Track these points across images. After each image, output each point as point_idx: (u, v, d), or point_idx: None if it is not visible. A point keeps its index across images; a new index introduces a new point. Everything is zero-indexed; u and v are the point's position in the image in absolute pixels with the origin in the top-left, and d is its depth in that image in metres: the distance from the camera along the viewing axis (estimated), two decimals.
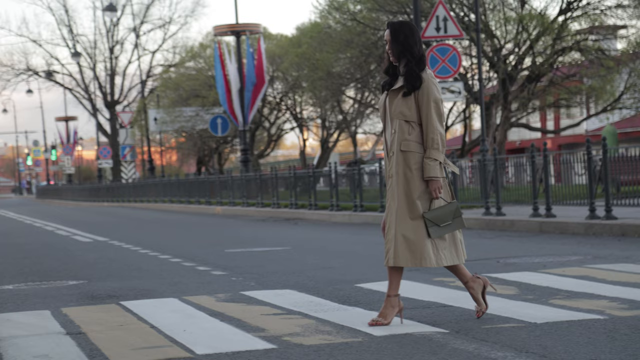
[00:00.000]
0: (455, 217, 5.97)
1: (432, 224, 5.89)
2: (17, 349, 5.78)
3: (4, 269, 11.65)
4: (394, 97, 5.98)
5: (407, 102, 5.92)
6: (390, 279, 6.01)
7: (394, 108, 5.96)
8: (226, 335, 5.96)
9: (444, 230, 5.92)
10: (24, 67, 69.58)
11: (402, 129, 5.92)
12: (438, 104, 5.92)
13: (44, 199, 75.54)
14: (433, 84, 5.93)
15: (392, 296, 6.01)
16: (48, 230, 21.49)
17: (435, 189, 5.89)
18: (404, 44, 5.93)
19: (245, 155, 32.73)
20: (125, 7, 66.53)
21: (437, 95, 5.92)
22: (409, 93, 5.91)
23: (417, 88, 5.90)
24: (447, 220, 5.93)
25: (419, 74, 5.91)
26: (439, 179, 5.90)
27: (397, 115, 5.94)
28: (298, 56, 36.93)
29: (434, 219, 5.90)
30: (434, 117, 5.89)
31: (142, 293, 8.38)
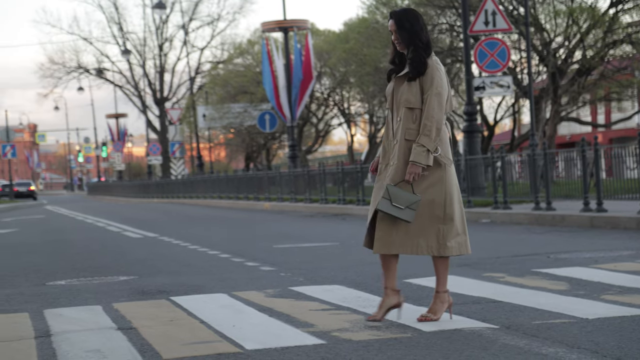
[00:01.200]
0: (408, 208, 5.75)
1: (388, 197, 5.74)
2: (70, 343, 5.85)
3: (56, 265, 11.81)
4: (400, 84, 5.88)
5: (412, 89, 5.81)
6: (438, 272, 5.97)
7: (400, 95, 5.85)
8: (275, 331, 5.97)
9: (391, 209, 5.74)
10: (75, 65, 70.44)
11: (407, 117, 5.81)
12: (440, 91, 5.77)
13: (95, 196, 76.39)
14: (438, 70, 5.80)
15: (440, 292, 5.97)
16: (99, 227, 21.73)
17: (412, 172, 5.73)
18: (410, 31, 5.82)
19: (293, 151, 32.80)
20: (174, 4, 67.03)
21: (439, 82, 5.78)
22: (413, 78, 5.80)
23: (422, 74, 5.79)
24: (401, 204, 5.74)
25: (425, 59, 5.80)
26: (420, 165, 5.72)
27: (403, 103, 5.83)
28: (346, 52, 36.92)
29: (392, 193, 5.74)
30: (433, 103, 5.75)
31: (191, 288, 8.43)
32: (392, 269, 5.95)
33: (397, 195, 5.75)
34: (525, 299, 6.77)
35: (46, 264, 11.99)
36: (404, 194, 5.75)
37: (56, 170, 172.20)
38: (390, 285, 5.94)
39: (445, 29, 31.38)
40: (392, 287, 5.94)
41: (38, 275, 10.35)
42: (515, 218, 16.33)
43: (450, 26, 30.98)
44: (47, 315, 7.09)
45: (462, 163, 19.39)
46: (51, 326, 6.54)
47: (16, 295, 8.53)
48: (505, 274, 8.41)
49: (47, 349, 5.70)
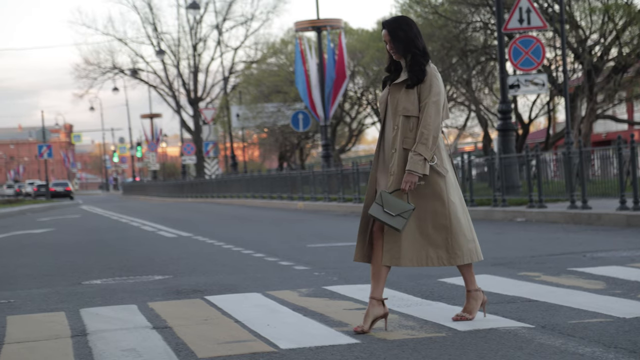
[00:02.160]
0: (400, 216, 5.64)
1: (380, 203, 5.65)
2: (106, 342, 5.89)
3: (92, 264, 11.89)
4: (396, 92, 5.77)
5: (409, 97, 5.71)
6: (464, 274, 5.90)
7: (397, 103, 5.74)
8: (309, 330, 5.97)
9: (382, 215, 5.65)
10: (110, 65, 70.94)
11: (405, 126, 5.71)
12: (438, 98, 5.68)
13: (130, 195, 76.88)
14: (436, 77, 5.71)
15: (472, 290, 5.93)
16: (134, 226, 21.87)
17: (407, 182, 5.64)
18: (405, 39, 5.73)
19: (326, 150, 32.80)
20: (208, 4, 67.27)
21: (438, 89, 5.69)
22: (412, 86, 5.71)
23: (421, 81, 5.69)
24: (392, 212, 5.65)
25: (424, 66, 5.72)
26: (417, 175, 5.64)
27: (400, 111, 5.73)
28: (379, 50, 36.89)
29: (385, 200, 5.65)
30: (430, 111, 5.65)
31: (226, 288, 8.46)
32: (382, 279, 5.83)
33: (390, 202, 5.65)
34: (561, 298, 6.72)
35: (82, 263, 12.08)
36: (397, 202, 5.65)
37: (91, 170, 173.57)
38: (377, 295, 5.80)
39: (479, 27, 31.23)
40: (378, 298, 5.80)
41: (74, 275, 10.44)
42: (551, 217, 16.21)
43: (484, 24, 30.83)
44: (83, 314, 7.14)
45: (497, 162, 19.29)
46: (87, 325, 6.58)
47: (53, 295, 8.60)
48: (541, 273, 8.35)
49: (84, 348, 5.74)
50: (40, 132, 60.40)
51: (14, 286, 9.58)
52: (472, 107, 36.81)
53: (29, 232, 21.30)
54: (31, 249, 15.52)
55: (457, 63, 32.35)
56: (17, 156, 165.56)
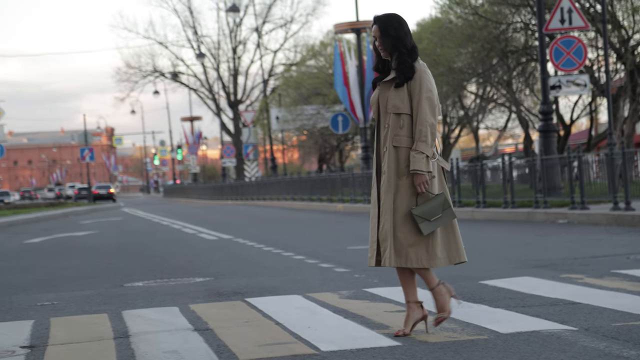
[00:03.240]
0: (445, 209, 5.64)
1: (422, 219, 5.59)
2: (148, 344, 5.92)
3: (134, 266, 11.98)
4: (386, 91, 5.71)
5: (399, 94, 5.65)
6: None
7: (386, 101, 5.68)
8: (350, 332, 5.96)
9: (435, 224, 5.61)
10: (151, 68, 71.42)
11: (394, 124, 5.65)
12: (430, 95, 5.61)
13: (171, 198, 77.36)
14: (425, 74, 5.65)
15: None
16: (175, 229, 21.99)
17: (420, 183, 5.58)
18: (395, 37, 5.66)
19: (366, 152, 32.76)
20: (247, 7, 67.55)
21: (429, 86, 5.62)
22: (401, 84, 5.64)
23: (409, 78, 5.63)
24: (437, 214, 5.61)
25: (411, 64, 5.65)
26: (424, 173, 5.57)
27: (390, 109, 5.66)
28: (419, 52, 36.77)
29: (422, 214, 5.59)
30: (424, 108, 5.58)
31: (266, 290, 8.47)
32: (410, 281, 5.76)
33: (426, 210, 5.60)
34: (605, 301, 6.65)
35: (124, 265, 12.17)
36: (430, 204, 5.61)
37: (132, 173, 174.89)
38: (412, 298, 5.76)
39: (519, 28, 31.03)
40: (414, 300, 5.76)
41: (116, 277, 10.52)
42: (593, 218, 16.06)
43: (525, 25, 30.62)
44: (126, 316, 7.19)
45: (538, 163, 19.15)
46: (129, 327, 6.63)
47: (95, 297, 8.68)
48: (584, 275, 8.27)
49: (126, 350, 5.78)
50: (82, 136, 60.97)
51: (57, 288, 9.68)
52: (513, 109, 36.57)
53: (71, 234, 21.50)
54: (74, 251, 15.67)
55: (498, 64, 32.15)
56: (59, 159, 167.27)
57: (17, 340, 6.32)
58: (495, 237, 14.31)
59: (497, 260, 10.17)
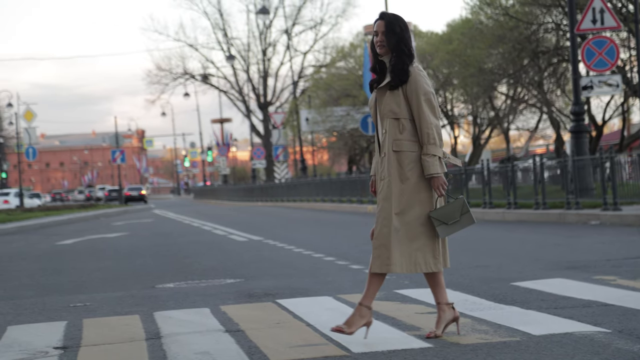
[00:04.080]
0: (464, 213, 5.58)
1: (440, 222, 5.53)
2: (180, 345, 5.94)
3: (165, 267, 12.03)
4: (382, 95, 5.62)
5: (395, 98, 5.56)
6: (369, 285, 5.67)
7: (383, 106, 5.60)
8: (381, 334, 5.95)
9: (452, 228, 5.56)
10: (181, 71, 71.69)
11: (393, 128, 5.56)
12: (429, 97, 5.54)
13: (201, 199, 77.64)
14: (420, 76, 5.57)
15: (364, 306, 5.66)
16: (205, 230, 22.06)
17: (438, 186, 5.52)
18: (399, 35, 5.60)
19: None
20: (277, 9, 67.63)
21: (426, 87, 5.55)
22: (396, 87, 5.56)
23: (404, 82, 5.55)
24: (455, 217, 5.56)
25: (407, 66, 5.57)
26: (440, 175, 5.52)
27: (387, 114, 5.58)
28: (449, 53, 36.65)
29: (440, 217, 5.54)
30: (425, 110, 5.51)
31: (297, 291, 8.48)
32: (439, 283, 5.71)
33: (445, 213, 5.56)
34: (639, 303, 6.58)
35: (155, 267, 12.23)
36: (448, 209, 5.57)
37: (163, 175, 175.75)
38: (442, 300, 5.71)
39: (551, 28, 30.85)
40: (444, 302, 5.71)
41: (147, 278, 10.57)
42: (626, 220, 15.92)
43: (556, 25, 30.44)
44: (157, 317, 7.22)
45: (570, 164, 19.03)
46: (161, 328, 6.66)
47: (127, 298, 8.72)
48: (617, 277, 8.20)
49: (158, 351, 5.81)
50: (113, 138, 61.36)
51: (90, 289, 9.74)
52: (544, 109, 36.36)
53: (103, 236, 21.63)
54: (105, 253, 15.77)
55: (529, 65, 31.98)
56: (91, 161, 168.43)
57: (51, 341, 6.37)
58: (526, 239, 14.23)
59: (528, 262, 10.11)
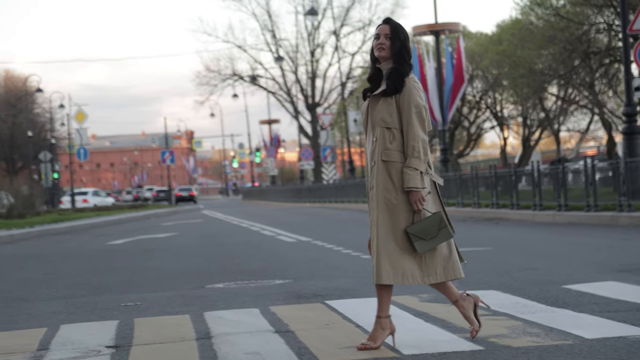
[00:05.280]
0: (441, 229, 5.45)
1: (417, 238, 5.43)
2: (230, 345, 5.97)
3: (214, 268, 12.09)
4: (375, 103, 5.55)
5: (388, 107, 5.48)
6: (379, 298, 5.60)
7: (375, 114, 5.53)
8: (431, 336, 5.93)
9: (431, 243, 5.44)
10: (230, 72, 72.03)
11: (384, 137, 5.48)
12: (420, 109, 5.46)
13: (249, 200, 77.95)
14: (415, 88, 5.49)
15: (382, 317, 5.59)
16: (254, 231, 22.14)
17: (415, 201, 5.42)
18: (403, 43, 5.54)
19: (444, 154, 32.57)
20: (325, 10, 67.69)
21: (418, 100, 5.47)
22: (389, 94, 5.48)
23: (399, 90, 5.47)
24: (433, 233, 5.43)
25: (405, 75, 5.50)
26: (419, 189, 5.42)
27: (378, 122, 5.50)
28: (498, 54, 36.41)
29: (418, 232, 5.43)
30: (415, 123, 5.43)
31: (346, 292, 8.47)
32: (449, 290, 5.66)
33: (422, 228, 5.45)
34: None
35: (204, 267, 12.30)
36: (426, 223, 5.46)
37: (211, 176, 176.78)
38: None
39: (602, 29, 30.51)
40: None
41: (197, 278, 10.63)
42: None
43: (608, 25, 30.09)
44: (207, 317, 7.26)
45: (622, 166, 18.80)
46: (211, 328, 6.69)
47: (177, 298, 8.78)
48: None
49: (208, 351, 5.84)
50: (163, 139, 61.87)
51: (140, 289, 9.83)
52: (595, 110, 35.97)
53: (153, 236, 21.81)
54: (156, 253, 15.89)
55: (580, 66, 31.66)
56: (140, 162, 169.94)
57: (103, 340, 6.43)
58: (577, 241, 14.08)
59: (580, 265, 10.00)
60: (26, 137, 58.69)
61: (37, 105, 69.58)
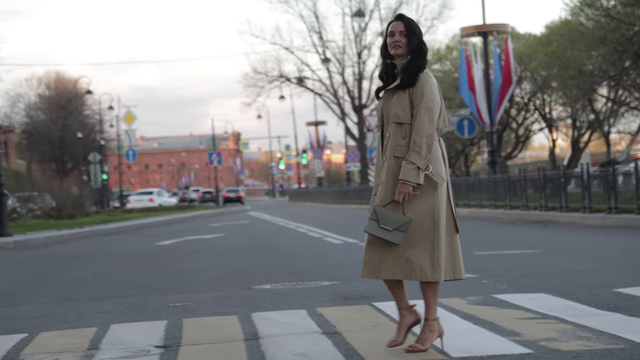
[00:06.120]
0: (397, 230, 5.36)
1: (375, 219, 5.39)
2: (278, 346, 5.98)
3: (262, 269, 12.12)
4: (389, 99, 5.50)
5: (401, 102, 5.42)
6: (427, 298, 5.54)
7: (389, 109, 5.48)
8: (480, 339, 5.89)
9: (379, 232, 5.39)
10: (277, 74, 72.22)
11: (396, 133, 5.43)
12: (430, 105, 5.37)
13: (295, 202, 78.09)
14: (429, 83, 5.41)
15: (430, 320, 5.54)
16: (300, 232, 22.17)
17: (400, 192, 5.34)
18: (419, 37, 5.48)
19: (492, 156, 32.36)
20: (372, 12, 67.61)
21: (430, 95, 5.38)
22: (403, 87, 5.42)
23: (413, 84, 5.40)
24: (389, 226, 5.36)
25: (421, 69, 5.43)
26: (410, 184, 5.32)
27: (391, 118, 5.46)
28: (547, 55, 36.14)
29: (380, 215, 5.38)
30: (423, 118, 5.35)
31: None
32: (398, 290, 5.60)
33: (386, 216, 5.40)
34: None
35: (251, 268, 12.34)
36: (392, 215, 5.40)
37: (258, 177, 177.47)
38: (403, 305, 5.61)
39: None
40: (405, 307, 5.61)
41: (244, 279, 10.66)
42: None
43: None
44: (255, 318, 7.28)
45: None
46: (259, 329, 6.70)
47: (225, 299, 8.82)
48: None
49: (256, 352, 5.85)
50: (210, 140, 62.23)
51: (188, 290, 9.88)
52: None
53: (200, 237, 21.93)
54: (203, 253, 15.98)
55: (631, 67, 31.28)
56: (188, 163, 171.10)
57: (152, 340, 6.48)
58: (628, 244, 13.89)
59: (631, 268, 9.87)
60: (76, 139, 59.38)
61: (87, 107, 70.38)
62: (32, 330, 7.25)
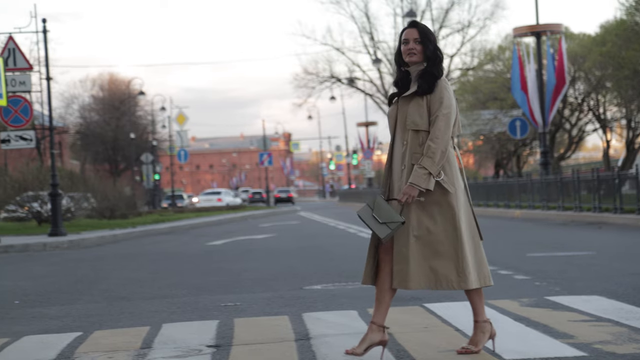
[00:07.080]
0: (386, 225, 5.29)
1: (372, 207, 5.33)
2: (329, 347, 5.98)
3: (312, 269, 12.14)
4: (405, 105, 5.43)
5: (419, 109, 5.36)
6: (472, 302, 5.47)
7: (406, 117, 5.40)
8: (533, 341, 5.84)
9: (369, 219, 5.32)
10: (328, 74, 72.21)
11: (414, 141, 5.37)
12: (448, 111, 5.32)
13: (346, 202, 78.07)
14: (447, 90, 5.35)
15: (480, 321, 5.49)
16: (350, 233, 22.16)
17: (407, 194, 5.29)
18: (434, 44, 5.44)
19: (545, 157, 32.05)
20: (424, 12, 67.34)
21: (448, 102, 5.33)
22: (422, 94, 5.36)
23: (431, 90, 5.34)
24: (379, 218, 5.30)
25: (436, 76, 5.38)
26: (418, 189, 5.28)
27: (409, 125, 5.39)
28: (602, 55, 35.71)
29: (377, 205, 5.33)
30: (440, 124, 5.29)
31: (444, 295, 8.41)
32: (385, 304, 5.51)
33: (382, 207, 5.34)
34: None
35: (302, 268, 12.36)
36: (388, 210, 5.33)
37: (308, 178, 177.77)
38: (377, 320, 5.50)
39: None
40: (379, 323, 5.50)
41: (295, 280, 10.69)
42: None
43: None
44: (306, 318, 7.29)
45: None
46: (310, 329, 6.72)
47: (276, 299, 8.84)
48: None
49: (307, 352, 5.86)
50: (261, 141, 62.47)
51: (240, 290, 9.93)
52: None
53: (251, 237, 22.03)
54: (254, 254, 16.04)
55: None
56: (239, 164, 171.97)
57: (204, 340, 6.52)
58: None
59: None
60: (129, 139, 59.99)
61: (140, 107, 71.05)
62: (86, 329, 7.34)
